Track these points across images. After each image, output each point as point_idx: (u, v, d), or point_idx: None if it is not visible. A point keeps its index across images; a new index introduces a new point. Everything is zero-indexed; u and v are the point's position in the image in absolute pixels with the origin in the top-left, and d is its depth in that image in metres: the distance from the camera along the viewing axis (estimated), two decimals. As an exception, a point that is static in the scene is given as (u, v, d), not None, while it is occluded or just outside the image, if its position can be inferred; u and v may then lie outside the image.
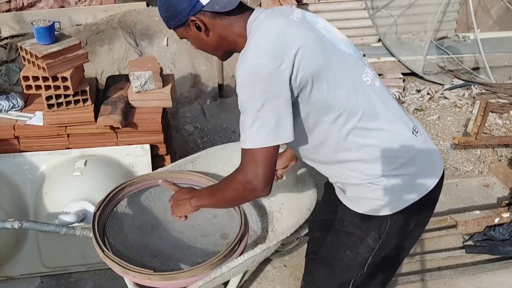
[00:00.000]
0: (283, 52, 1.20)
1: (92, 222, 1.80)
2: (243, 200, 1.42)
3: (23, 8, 3.43)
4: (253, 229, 2.29)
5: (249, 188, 1.28)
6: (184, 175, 2.14)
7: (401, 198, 1.37)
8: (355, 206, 1.42)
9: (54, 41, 2.17)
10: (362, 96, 1.30)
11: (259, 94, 1.19)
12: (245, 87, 1.22)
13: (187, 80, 3.35)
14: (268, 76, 1.18)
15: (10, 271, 2.27)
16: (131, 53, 3.24)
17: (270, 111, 1.20)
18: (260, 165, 1.24)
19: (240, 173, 1.29)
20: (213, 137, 3.27)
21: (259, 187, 1.26)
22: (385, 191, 1.35)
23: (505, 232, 2.49)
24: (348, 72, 1.31)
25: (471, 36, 4.49)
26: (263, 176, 1.25)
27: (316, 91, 1.25)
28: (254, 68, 1.19)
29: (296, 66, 1.21)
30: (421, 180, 1.38)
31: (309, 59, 1.22)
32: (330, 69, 1.26)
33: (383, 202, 1.36)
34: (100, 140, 2.35)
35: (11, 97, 2.39)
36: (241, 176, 1.28)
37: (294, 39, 1.23)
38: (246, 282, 2.32)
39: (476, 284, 2.33)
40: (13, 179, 2.26)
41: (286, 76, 1.20)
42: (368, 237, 1.43)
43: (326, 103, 1.27)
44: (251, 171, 1.25)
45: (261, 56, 1.20)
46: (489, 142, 3.25)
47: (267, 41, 1.22)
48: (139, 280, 1.67)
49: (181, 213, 1.64)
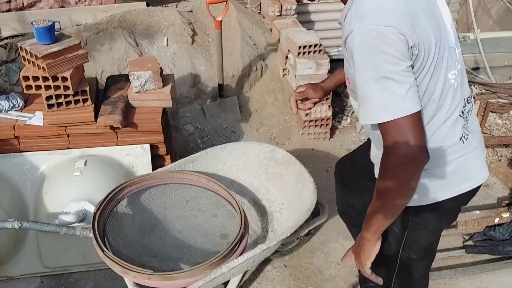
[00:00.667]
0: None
1: (92, 222, 1.80)
2: (412, 180, 1.17)
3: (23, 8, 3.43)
4: (253, 229, 2.29)
5: (408, 162, 1.13)
6: (184, 175, 2.14)
7: (426, 196, 1.35)
8: None
9: (54, 41, 2.17)
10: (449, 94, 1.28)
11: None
12: None
13: (187, 80, 3.35)
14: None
15: (10, 271, 2.27)
16: (131, 53, 3.24)
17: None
18: (408, 133, 1.12)
19: (390, 154, 1.15)
20: (213, 137, 3.26)
21: (417, 154, 1.12)
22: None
23: (505, 232, 2.49)
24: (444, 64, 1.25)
25: (471, 36, 4.49)
26: (416, 140, 1.12)
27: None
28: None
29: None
30: (453, 184, 1.35)
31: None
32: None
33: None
34: (100, 140, 2.35)
35: (11, 97, 2.39)
36: (391, 155, 1.15)
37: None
38: (246, 282, 2.32)
39: (476, 284, 2.33)
40: (13, 179, 2.26)
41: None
42: (393, 224, 1.34)
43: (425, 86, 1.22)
44: (402, 145, 1.12)
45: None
46: (489, 142, 3.25)
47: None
48: (139, 280, 1.67)
49: (367, 258, 1.35)
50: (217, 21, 2.96)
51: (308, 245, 2.54)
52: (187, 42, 3.40)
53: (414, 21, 1.15)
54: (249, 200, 2.38)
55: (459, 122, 1.33)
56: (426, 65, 1.19)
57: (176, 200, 2.11)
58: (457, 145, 1.32)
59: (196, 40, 3.48)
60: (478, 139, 1.41)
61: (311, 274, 2.38)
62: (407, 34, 1.12)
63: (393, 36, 1.11)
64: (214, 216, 2.04)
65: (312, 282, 2.34)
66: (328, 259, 2.46)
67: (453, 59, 1.29)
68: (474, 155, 1.37)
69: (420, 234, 1.44)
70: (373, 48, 1.12)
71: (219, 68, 3.16)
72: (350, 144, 3.35)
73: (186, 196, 2.12)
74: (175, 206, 2.09)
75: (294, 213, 2.18)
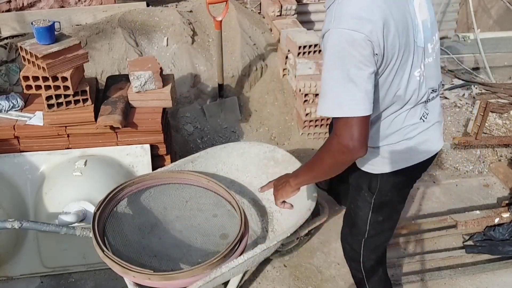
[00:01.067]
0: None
1: (92, 222, 1.80)
2: (342, 165, 1.41)
3: (23, 8, 3.43)
4: (253, 229, 2.29)
5: (347, 152, 1.33)
6: (184, 175, 2.14)
7: (391, 164, 1.56)
8: (357, 162, 1.60)
9: (54, 41, 2.17)
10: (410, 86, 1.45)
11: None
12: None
13: (187, 80, 3.35)
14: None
15: (10, 271, 2.27)
16: (131, 53, 3.24)
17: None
18: (353, 128, 1.31)
19: (335, 139, 1.35)
20: (213, 137, 3.26)
21: (356, 148, 1.31)
22: (379, 155, 1.55)
23: (505, 232, 2.49)
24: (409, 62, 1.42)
25: (471, 36, 4.49)
26: (359, 137, 1.31)
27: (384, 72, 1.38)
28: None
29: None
30: (413, 154, 1.56)
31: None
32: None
33: (376, 163, 1.57)
34: (100, 140, 2.35)
35: (11, 97, 2.39)
36: (336, 141, 1.34)
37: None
38: (246, 282, 2.32)
39: (476, 284, 2.33)
40: (13, 179, 2.26)
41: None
42: (361, 188, 1.66)
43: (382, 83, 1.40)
44: (346, 137, 1.31)
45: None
46: (489, 142, 3.25)
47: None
48: (139, 280, 1.67)
49: (283, 196, 1.67)
50: (217, 21, 2.96)
51: (308, 245, 2.54)
52: (187, 42, 3.40)
53: (385, 32, 1.30)
54: (249, 200, 2.38)
55: (421, 105, 1.52)
56: (389, 68, 1.36)
57: (176, 200, 2.11)
58: (417, 123, 1.53)
59: (196, 40, 3.48)
60: (437, 115, 1.61)
61: (311, 274, 2.38)
62: (375, 43, 1.28)
63: (363, 42, 1.27)
64: (214, 216, 2.04)
65: (312, 282, 2.34)
66: (328, 259, 2.46)
67: (420, 58, 1.44)
68: (432, 130, 1.59)
69: (386, 198, 1.65)
70: (344, 51, 1.28)
71: (219, 68, 3.15)
72: (350, 144, 3.35)
73: (186, 196, 2.12)
74: (175, 206, 2.09)
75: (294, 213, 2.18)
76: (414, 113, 1.51)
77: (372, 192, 1.64)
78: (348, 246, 1.86)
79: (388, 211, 1.71)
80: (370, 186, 1.63)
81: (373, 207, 1.67)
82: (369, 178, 1.62)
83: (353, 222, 1.77)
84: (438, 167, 3.17)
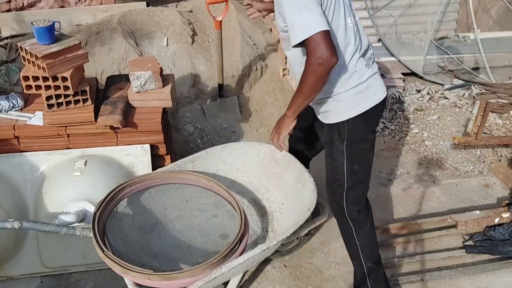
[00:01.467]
0: None
1: (92, 222, 1.80)
2: (323, 76, 1.68)
3: (23, 8, 3.43)
4: (253, 229, 2.29)
5: (322, 62, 1.62)
6: (184, 175, 2.14)
7: (352, 109, 1.86)
8: (326, 120, 1.94)
9: (54, 41, 2.17)
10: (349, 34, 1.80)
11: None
12: None
13: (187, 80, 3.35)
14: None
15: (10, 271, 2.28)
16: (131, 53, 3.24)
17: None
18: (321, 43, 1.61)
19: (310, 57, 1.64)
20: (213, 137, 3.27)
21: (329, 57, 1.61)
22: (342, 103, 1.86)
23: (505, 232, 2.49)
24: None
25: (471, 36, 4.49)
26: (327, 48, 1.61)
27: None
28: None
29: None
30: (368, 98, 1.88)
31: None
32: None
33: (340, 112, 1.88)
34: (100, 140, 2.35)
35: (11, 97, 2.39)
36: (312, 58, 1.63)
37: None
38: (246, 282, 2.32)
39: (476, 284, 2.33)
40: (13, 179, 2.26)
41: None
42: (334, 139, 1.94)
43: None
44: (319, 52, 1.61)
45: None
46: (489, 142, 3.25)
47: None
48: (139, 280, 1.67)
49: (285, 129, 1.97)
50: (217, 21, 2.96)
51: (308, 245, 2.54)
52: (187, 42, 3.40)
53: None
54: (249, 200, 2.38)
55: (363, 57, 1.86)
56: (329, 11, 1.71)
57: (176, 200, 2.11)
58: (365, 69, 1.86)
59: (196, 40, 3.48)
60: (375, 67, 1.94)
61: (311, 274, 2.38)
62: None
63: None
64: (214, 216, 2.04)
65: (312, 282, 2.34)
66: (328, 259, 2.47)
67: (348, 11, 1.81)
68: (377, 77, 1.92)
69: (355, 144, 1.93)
70: None
71: (219, 68, 3.16)
72: (350, 144, 3.35)
73: (186, 196, 2.12)
74: (175, 206, 2.09)
75: (294, 213, 2.18)
76: (361, 61, 1.84)
77: (342, 138, 1.91)
78: (335, 203, 2.08)
79: (360, 159, 1.97)
80: (340, 133, 1.91)
81: (346, 155, 1.94)
82: (337, 128, 1.91)
83: (333, 176, 2.03)
84: (438, 167, 3.17)
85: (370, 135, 1.97)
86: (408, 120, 3.65)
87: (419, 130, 3.54)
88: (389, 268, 2.39)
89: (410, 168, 3.16)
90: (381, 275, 2.15)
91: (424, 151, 3.32)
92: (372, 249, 2.11)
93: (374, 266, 2.10)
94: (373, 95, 1.89)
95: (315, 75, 1.66)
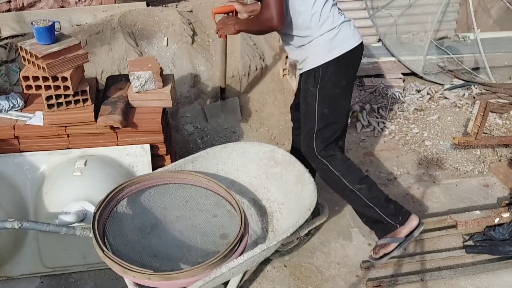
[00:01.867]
0: None
1: (92, 222, 1.80)
2: (266, 32, 2.04)
3: (23, 8, 3.43)
4: (253, 229, 2.29)
5: (269, 25, 1.93)
6: (184, 175, 2.14)
7: (326, 54, 2.05)
8: (304, 68, 2.14)
9: (54, 41, 2.17)
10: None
11: None
12: None
13: (187, 80, 3.35)
14: None
15: (10, 271, 2.28)
16: (131, 53, 3.24)
17: None
18: (272, 8, 1.88)
19: (263, 13, 1.92)
20: (213, 137, 3.27)
21: (275, 23, 1.91)
22: (317, 47, 2.05)
23: (505, 232, 2.49)
24: None
25: (471, 36, 4.49)
26: (277, 16, 1.89)
27: None
28: None
29: None
30: (341, 43, 2.06)
31: None
32: None
33: (316, 57, 2.07)
34: (100, 140, 2.35)
35: (11, 97, 2.39)
36: (263, 16, 1.92)
37: None
38: (246, 282, 2.32)
39: (476, 284, 2.33)
40: (13, 179, 2.26)
41: None
42: (309, 84, 2.12)
43: None
44: (268, 13, 1.90)
45: None
46: (489, 142, 3.25)
47: None
48: (139, 280, 1.67)
49: (226, 32, 2.24)
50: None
51: (308, 245, 2.54)
52: (187, 42, 3.40)
53: None
54: (249, 200, 2.38)
55: (335, 6, 2.10)
56: None
57: (176, 200, 2.11)
58: (338, 16, 2.06)
59: (196, 40, 3.48)
60: (349, 18, 2.14)
61: (311, 274, 2.38)
62: None
63: None
64: (214, 216, 2.04)
65: (312, 282, 2.34)
66: (328, 259, 2.47)
67: None
68: (349, 24, 2.11)
69: (327, 88, 2.09)
70: None
71: (221, 73, 3.15)
72: (349, 144, 3.35)
73: (186, 196, 2.12)
74: (175, 206, 2.09)
75: (294, 213, 2.18)
76: (335, 8, 2.07)
77: (315, 81, 2.09)
78: (306, 146, 2.21)
79: (330, 104, 2.12)
80: (314, 77, 2.09)
81: (318, 99, 2.10)
82: (313, 73, 2.10)
83: (306, 120, 2.18)
84: (438, 167, 3.18)
85: (343, 81, 2.11)
86: (408, 120, 3.66)
87: (419, 130, 3.54)
88: (389, 268, 2.40)
89: (410, 168, 3.16)
90: (373, 189, 2.19)
91: (424, 151, 3.32)
92: (352, 172, 2.19)
93: (362, 186, 2.16)
94: (346, 41, 2.07)
95: (261, 28, 1.99)
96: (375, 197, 2.17)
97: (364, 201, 2.17)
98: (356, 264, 2.43)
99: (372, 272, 2.38)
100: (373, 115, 3.68)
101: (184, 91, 3.33)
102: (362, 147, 3.36)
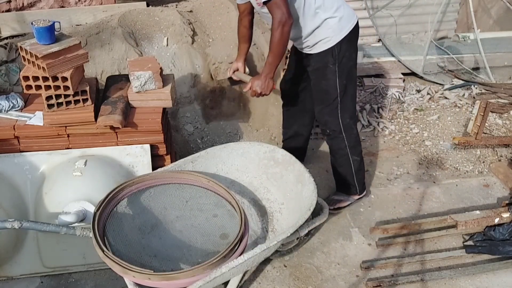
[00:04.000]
0: None
1: (92, 222, 1.80)
2: (287, 35, 2.15)
3: (23, 8, 3.43)
4: (253, 229, 2.29)
5: (285, 24, 2.10)
6: (184, 175, 2.14)
7: (339, 33, 2.32)
8: (316, 49, 2.37)
9: (54, 41, 2.17)
10: None
11: None
12: None
13: (187, 80, 3.35)
14: None
15: (10, 271, 2.28)
16: (131, 53, 3.24)
17: None
18: (282, 7, 2.07)
19: (275, 20, 2.10)
20: (213, 137, 3.27)
21: (288, 19, 2.10)
22: (330, 29, 2.29)
23: (505, 232, 2.49)
24: None
25: (471, 36, 4.49)
26: (286, 12, 2.09)
27: None
28: None
29: None
30: (348, 21, 2.34)
31: None
32: None
33: (330, 37, 2.31)
34: (100, 140, 2.35)
35: (11, 97, 2.39)
36: (276, 21, 2.10)
37: None
38: (246, 282, 2.32)
39: (476, 284, 2.33)
40: (13, 179, 2.26)
41: None
42: (328, 63, 2.36)
43: None
44: (279, 14, 2.08)
45: None
46: (489, 142, 3.25)
47: None
48: (139, 280, 1.67)
49: (268, 90, 2.32)
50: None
51: (308, 245, 2.54)
52: (187, 42, 3.40)
53: None
54: (249, 200, 2.38)
55: None
56: None
57: (176, 200, 2.11)
58: None
59: (196, 40, 3.48)
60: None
61: (311, 274, 2.38)
62: None
63: None
64: (214, 216, 2.04)
65: (312, 282, 2.34)
66: (328, 259, 2.47)
67: None
68: (348, 6, 2.39)
69: (344, 63, 2.38)
70: None
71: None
72: (350, 144, 3.35)
73: (186, 196, 2.12)
74: (175, 206, 2.09)
75: (294, 213, 2.18)
76: None
77: (334, 58, 2.34)
78: (327, 115, 2.51)
79: (348, 74, 2.41)
80: (333, 55, 2.34)
81: (338, 74, 2.37)
82: (330, 52, 2.34)
83: (326, 93, 2.45)
84: (438, 167, 3.17)
85: (353, 53, 2.43)
86: (408, 120, 3.66)
87: (419, 130, 3.54)
88: (389, 268, 2.40)
89: (410, 168, 3.16)
90: (362, 163, 2.70)
91: (424, 151, 3.32)
92: (358, 145, 2.63)
93: (357, 158, 2.64)
94: (350, 18, 2.36)
95: (281, 34, 2.11)
96: (361, 169, 2.69)
97: (350, 169, 2.64)
98: (356, 264, 2.43)
99: (372, 272, 2.38)
100: (373, 115, 3.68)
101: (184, 91, 3.33)
102: (362, 147, 3.36)
